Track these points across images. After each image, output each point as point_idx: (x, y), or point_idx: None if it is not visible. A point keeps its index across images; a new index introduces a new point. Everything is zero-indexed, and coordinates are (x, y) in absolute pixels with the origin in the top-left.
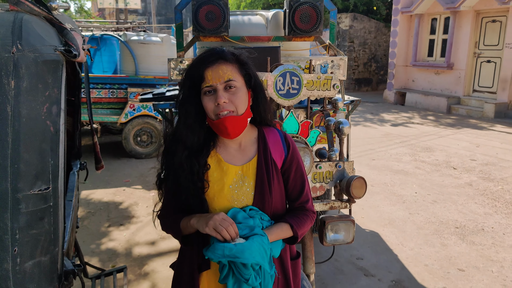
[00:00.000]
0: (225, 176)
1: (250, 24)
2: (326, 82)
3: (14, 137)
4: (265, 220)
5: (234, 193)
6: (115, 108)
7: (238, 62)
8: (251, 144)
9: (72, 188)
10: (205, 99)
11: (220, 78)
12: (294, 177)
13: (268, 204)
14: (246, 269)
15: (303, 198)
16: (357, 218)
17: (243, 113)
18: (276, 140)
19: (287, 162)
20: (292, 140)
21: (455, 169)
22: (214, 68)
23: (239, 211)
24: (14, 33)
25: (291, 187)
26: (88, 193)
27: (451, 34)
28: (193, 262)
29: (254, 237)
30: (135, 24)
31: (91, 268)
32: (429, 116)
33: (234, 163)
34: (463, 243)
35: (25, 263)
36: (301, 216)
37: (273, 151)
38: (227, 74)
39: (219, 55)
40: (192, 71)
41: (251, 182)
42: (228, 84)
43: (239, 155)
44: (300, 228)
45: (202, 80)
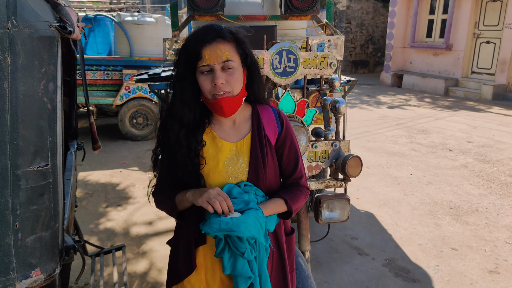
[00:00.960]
0: (220, 152)
1: (246, 3)
2: (323, 60)
3: (12, 114)
4: (260, 196)
5: (229, 169)
6: (110, 90)
7: (236, 40)
8: (245, 121)
9: (70, 167)
10: (201, 78)
11: (218, 58)
12: (288, 154)
13: (263, 179)
14: (242, 243)
15: (297, 174)
16: (352, 199)
17: (239, 93)
18: (270, 118)
19: (280, 139)
20: (286, 118)
21: (451, 151)
22: (212, 47)
23: (233, 187)
24: (8, 9)
25: (285, 163)
26: (86, 175)
27: (450, 14)
28: (189, 237)
29: (249, 211)
30: (129, 4)
31: (91, 247)
32: (426, 99)
33: (228, 140)
34: (457, 223)
35: (26, 238)
36: (295, 191)
37: (267, 128)
38: (225, 54)
39: (217, 33)
40: (189, 48)
41: (246, 158)
42: (225, 65)
43: (234, 132)
44: (294, 203)
45: (199, 59)
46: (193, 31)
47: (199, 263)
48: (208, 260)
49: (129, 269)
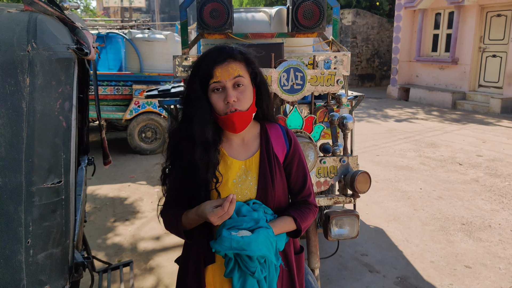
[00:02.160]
0: (229, 170)
1: (253, 21)
2: (329, 77)
3: (29, 132)
4: (269, 214)
5: (238, 187)
6: (120, 105)
7: (246, 60)
8: (253, 139)
9: (81, 182)
10: (214, 96)
11: (229, 75)
12: (296, 171)
13: (271, 197)
14: (252, 262)
15: (305, 192)
16: (361, 214)
17: (249, 108)
18: (278, 135)
19: (289, 157)
20: (294, 135)
21: (461, 165)
22: (224, 66)
23: (242, 205)
24: (29, 32)
25: (293, 181)
26: (94, 189)
27: (455, 28)
28: (198, 256)
29: (259, 230)
30: (140, 22)
31: (98, 262)
32: (433, 112)
33: (237, 158)
34: (469, 239)
35: (37, 255)
36: (303, 209)
37: (275, 146)
38: (236, 70)
39: (228, 54)
40: (201, 69)
41: (254, 176)
42: (236, 82)
43: (242, 150)
44: (303, 221)
45: (211, 77)
46: (204, 52)
47: (208, 282)
48: (217, 280)
49: (137, 285)
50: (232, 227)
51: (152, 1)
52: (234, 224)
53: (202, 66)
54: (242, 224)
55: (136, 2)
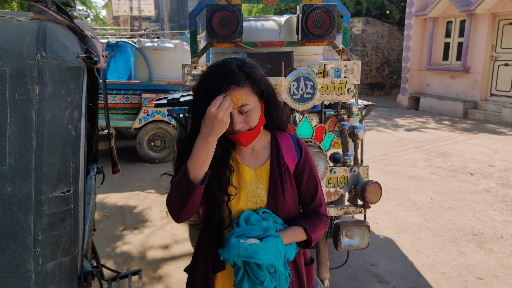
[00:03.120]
0: (241, 177)
1: (263, 30)
2: (340, 86)
3: (38, 141)
4: (279, 223)
5: (249, 195)
6: (130, 113)
7: (252, 82)
8: (264, 148)
9: (90, 191)
10: None
11: (234, 105)
12: (307, 181)
13: (282, 207)
14: (261, 271)
15: (316, 202)
16: (371, 224)
17: (256, 125)
18: (288, 145)
19: (299, 166)
20: (305, 145)
21: (472, 175)
22: (228, 94)
23: (252, 213)
24: (38, 41)
25: (304, 191)
26: (103, 197)
27: (467, 37)
28: (207, 263)
29: (268, 239)
30: (149, 31)
31: (107, 271)
32: (444, 121)
33: (249, 166)
34: (481, 250)
35: (46, 264)
36: (314, 220)
37: (286, 155)
38: (240, 99)
39: (232, 81)
40: (207, 89)
41: (265, 185)
42: (242, 109)
43: (253, 159)
44: (314, 232)
45: None
46: (208, 70)
47: None
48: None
49: None
50: (241, 235)
51: (161, 10)
52: (243, 233)
53: (208, 88)
54: (251, 233)
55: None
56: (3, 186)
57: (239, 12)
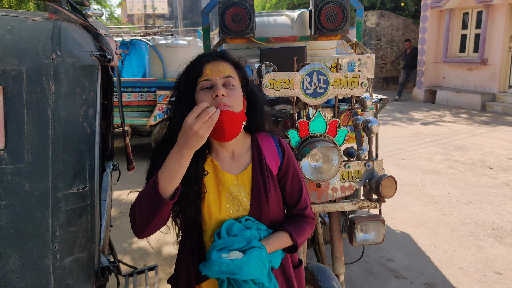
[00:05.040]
0: (221, 184)
1: (275, 25)
2: (353, 80)
3: (54, 139)
4: (263, 230)
5: (230, 203)
6: (145, 110)
7: (236, 65)
8: (245, 152)
9: (106, 188)
10: (201, 93)
11: (220, 73)
12: (291, 184)
13: (266, 213)
14: (246, 284)
15: (301, 204)
16: (387, 219)
17: (240, 112)
18: (270, 146)
19: (283, 169)
20: (287, 145)
21: (491, 168)
22: (215, 63)
23: (234, 223)
24: (53, 40)
25: (288, 193)
26: (120, 194)
27: (484, 28)
28: (190, 275)
29: (251, 251)
30: (163, 28)
31: (124, 266)
32: (461, 114)
33: (230, 172)
34: (500, 245)
35: (64, 259)
36: (300, 223)
37: (268, 158)
38: (227, 70)
39: (219, 54)
40: (190, 67)
41: (247, 191)
42: (227, 81)
43: (234, 164)
44: (299, 236)
45: (200, 75)
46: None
47: None
48: None
49: None
50: (222, 248)
51: (175, 7)
52: (225, 245)
53: (192, 65)
54: (233, 245)
55: (159, 9)
56: (21, 183)
57: (251, 8)
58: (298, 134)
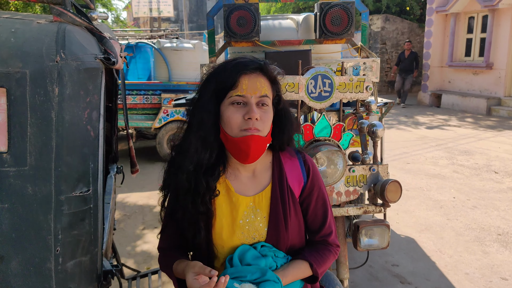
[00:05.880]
0: (235, 209)
1: (280, 28)
2: (358, 84)
3: (57, 142)
4: (280, 257)
5: (245, 229)
6: (149, 113)
7: (273, 81)
8: (264, 170)
9: (110, 191)
10: (230, 109)
11: (257, 91)
12: (315, 207)
13: (284, 240)
14: None
15: (325, 230)
16: (391, 224)
17: (267, 134)
18: (293, 164)
19: (306, 190)
20: (313, 163)
21: (497, 173)
22: (252, 77)
23: (248, 249)
24: (58, 43)
25: (311, 217)
26: (124, 197)
27: (489, 32)
28: None
29: (266, 284)
30: (168, 31)
31: (127, 270)
32: (467, 118)
33: (245, 194)
34: (506, 250)
35: (66, 263)
36: (322, 251)
37: (290, 178)
38: (264, 88)
39: (259, 65)
40: (222, 75)
41: (264, 215)
42: (262, 101)
43: (251, 184)
44: (321, 266)
45: (233, 87)
46: (229, 58)
47: None
48: None
49: None
50: (234, 277)
51: (180, 10)
52: (237, 275)
53: (225, 72)
54: (246, 276)
55: (164, 12)
56: (24, 186)
57: (256, 11)
58: (302, 137)
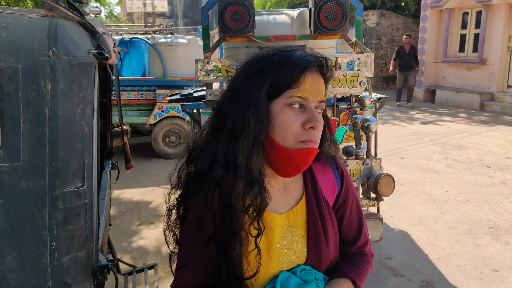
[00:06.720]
0: (270, 231)
1: (275, 24)
2: (352, 79)
3: (51, 137)
4: (320, 280)
5: (283, 254)
6: (144, 109)
7: (327, 82)
8: (295, 180)
9: (105, 187)
10: (287, 113)
11: (318, 94)
12: (350, 215)
13: (325, 258)
14: None
15: (361, 240)
16: (385, 218)
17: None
18: (325, 171)
19: (341, 197)
20: (345, 167)
21: (489, 167)
22: (316, 77)
23: (289, 277)
24: (49, 38)
25: (346, 228)
26: (119, 193)
27: (483, 28)
28: None
29: None
30: (163, 27)
31: (123, 265)
32: (460, 114)
33: (277, 211)
34: (497, 243)
35: (62, 258)
36: (361, 264)
37: (324, 187)
38: (323, 91)
39: (321, 62)
40: (283, 68)
41: (302, 234)
42: (320, 106)
43: (283, 198)
44: (362, 281)
45: (294, 85)
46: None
47: None
48: None
49: (161, 287)
50: None
51: (175, 6)
52: None
53: (283, 65)
54: None
55: (159, 7)
56: (18, 182)
57: (251, 6)
58: None
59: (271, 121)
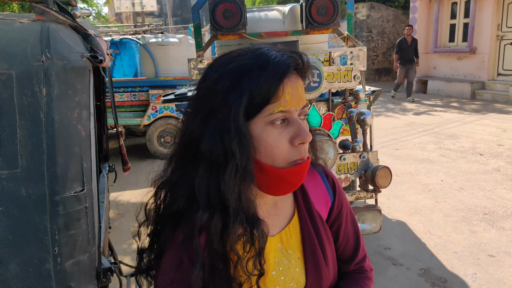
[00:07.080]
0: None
1: (267, 20)
2: (346, 73)
3: (48, 142)
4: None
5: (280, 281)
6: (138, 110)
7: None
8: (285, 197)
9: (103, 190)
10: (271, 132)
11: (300, 101)
12: (345, 229)
13: (326, 281)
14: None
15: (360, 255)
16: (383, 208)
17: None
18: (316, 183)
19: (334, 211)
20: (335, 177)
21: (482, 155)
22: (294, 81)
23: None
24: (42, 42)
25: (343, 243)
26: (117, 195)
27: (472, 17)
28: None
29: None
30: (153, 26)
31: (125, 267)
32: (452, 103)
33: (269, 233)
34: (492, 229)
35: (65, 263)
36: (362, 281)
37: (316, 200)
38: (304, 96)
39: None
40: (256, 81)
41: (298, 256)
42: (303, 112)
43: (273, 218)
44: None
45: (273, 99)
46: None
47: None
48: None
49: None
50: None
51: (164, 4)
52: None
53: (255, 77)
54: None
55: (148, 6)
56: (17, 188)
57: (242, 4)
58: None
59: (254, 144)
